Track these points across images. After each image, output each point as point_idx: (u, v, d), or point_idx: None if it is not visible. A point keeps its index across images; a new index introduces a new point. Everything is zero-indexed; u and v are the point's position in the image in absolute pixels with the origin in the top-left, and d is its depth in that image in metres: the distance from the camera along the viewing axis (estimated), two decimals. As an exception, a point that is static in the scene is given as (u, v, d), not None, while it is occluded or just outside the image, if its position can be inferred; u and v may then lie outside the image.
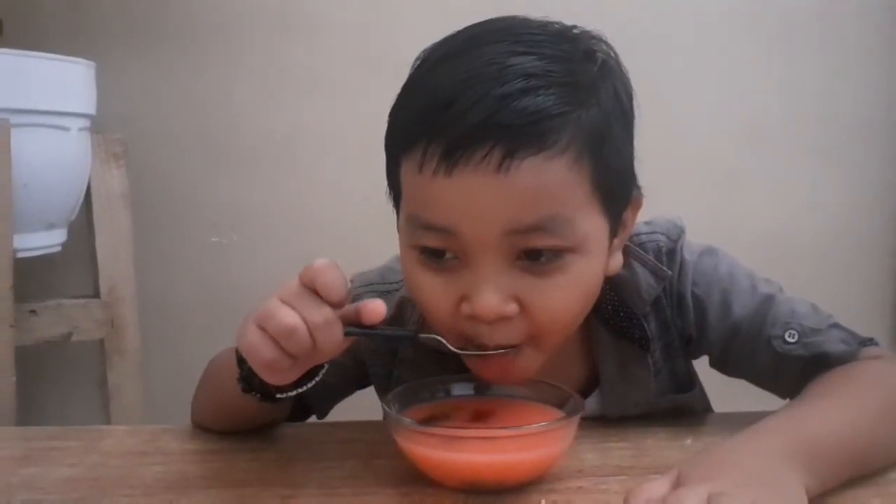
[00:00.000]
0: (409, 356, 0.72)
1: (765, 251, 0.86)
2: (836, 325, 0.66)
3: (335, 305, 0.53)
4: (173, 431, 0.69)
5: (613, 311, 0.68)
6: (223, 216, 1.39)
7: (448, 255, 0.57)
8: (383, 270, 0.77)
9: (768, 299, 0.67)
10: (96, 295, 1.25)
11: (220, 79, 1.36)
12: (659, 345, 0.70)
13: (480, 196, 0.53)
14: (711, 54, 1.34)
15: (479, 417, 0.59)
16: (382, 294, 0.72)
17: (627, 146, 0.61)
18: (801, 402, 0.59)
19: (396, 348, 0.72)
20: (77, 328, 1.22)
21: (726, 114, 1.36)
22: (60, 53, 1.13)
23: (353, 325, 0.54)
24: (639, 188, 0.64)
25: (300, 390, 0.58)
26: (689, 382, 0.73)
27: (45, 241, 1.18)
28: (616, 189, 0.59)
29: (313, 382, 0.58)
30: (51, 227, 1.18)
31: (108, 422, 1.24)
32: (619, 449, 0.63)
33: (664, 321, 0.70)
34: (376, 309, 0.54)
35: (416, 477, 0.57)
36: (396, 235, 0.84)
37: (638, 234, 0.69)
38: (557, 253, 0.56)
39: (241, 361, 0.59)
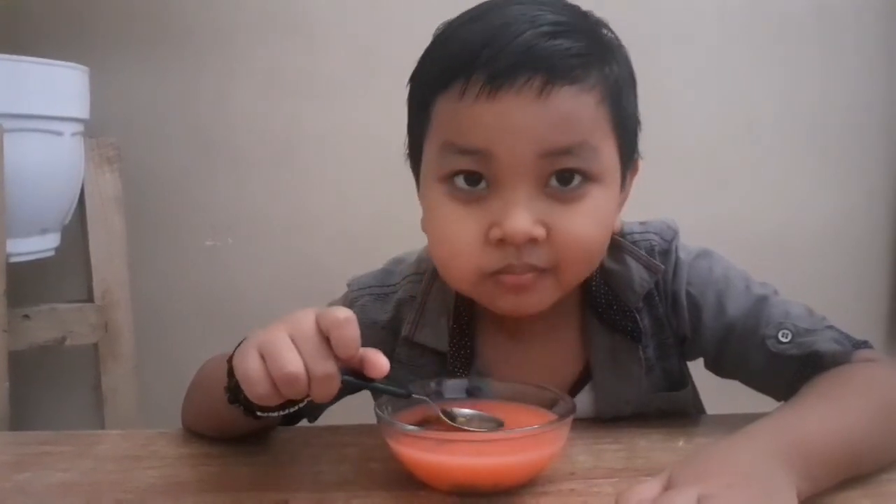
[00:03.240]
0: (404, 357, 0.73)
1: (760, 252, 0.86)
2: (830, 327, 0.67)
3: (342, 362, 0.53)
4: (167, 436, 0.69)
5: (607, 305, 0.70)
6: (218, 219, 1.39)
7: (479, 186, 0.61)
8: (381, 273, 0.78)
9: (762, 300, 0.68)
10: (90, 299, 1.25)
11: (214, 82, 1.36)
12: (652, 342, 0.71)
13: (520, 117, 0.58)
14: (707, 54, 1.34)
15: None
16: (380, 296, 0.75)
17: (635, 109, 0.67)
18: (794, 405, 0.60)
19: (393, 348, 0.72)
20: (71, 333, 1.22)
21: (722, 114, 1.36)
22: (54, 58, 1.13)
23: (350, 372, 0.53)
24: (639, 153, 0.69)
25: (282, 413, 0.57)
26: (682, 383, 0.74)
27: (38, 245, 1.18)
28: (627, 140, 0.66)
29: (296, 408, 0.57)
30: (44, 231, 1.18)
31: (102, 426, 1.24)
32: (611, 451, 0.63)
33: (657, 319, 0.71)
34: (381, 366, 0.53)
35: (409, 480, 0.57)
36: (394, 238, 0.86)
37: (631, 234, 0.71)
38: (584, 180, 0.61)
39: (231, 372, 0.58)
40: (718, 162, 1.37)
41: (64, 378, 1.39)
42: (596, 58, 0.61)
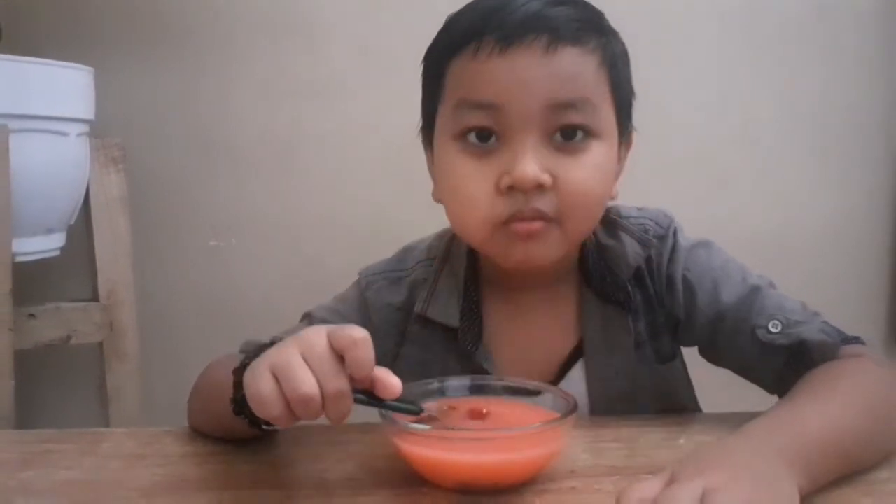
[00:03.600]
0: (416, 334, 0.77)
1: (760, 252, 0.86)
2: (823, 321, 0.68)
3: (355, 382, 0.53)
4: (172, 434, 0.70)
5: (601, 278, 0.75)
6: (222, 219, 1.40)
7: (489, 141, 0.66)
8: (393, 260, 0.82)
9: (757, 290, 0.71)
10: (95, 298, 1.25)
11: (218, 82, 1.36)
12: (644, 320, 0.75)
13: (528, 71, 0.64)
14: (706, 56, 1.34)
15: (474, 418, 0.60)
16: (394, 281, 0.80)
17: (630, 81, 0.73)
18: (791, 402, 0.60)
19: (406, 328, 0.77)
20: (76, 332, 1.23)
21: (721, 115, 1.36)
22: (59, 59, 1.14)
23: (360, 390, 0.53)
24: (633, 127, 0.75)
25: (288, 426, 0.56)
26: (672, 358, 0.77)
27: (43, 245, 1.18)
28: (624, 107, 0.71)
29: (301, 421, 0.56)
30: (49, 231, 1.19)
31: (107, 424, 1.24)
32: (612, 449, 0.63)
33: (648, 298, 0.75)
34: (393, 386, 0.54)
35: (412, 478, 0.57)
36: (395, 236, 0.87)
37: (628, 217, 0.77)
38: (586, 135, 0.66)
39: (237, 384, 0.58)
40: (718, 162, 1.37)
41: (69, 377, 1.40)
42: (595, 27, 0.68)
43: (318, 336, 0.53)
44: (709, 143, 1.36)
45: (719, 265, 0.74)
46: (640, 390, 0.75)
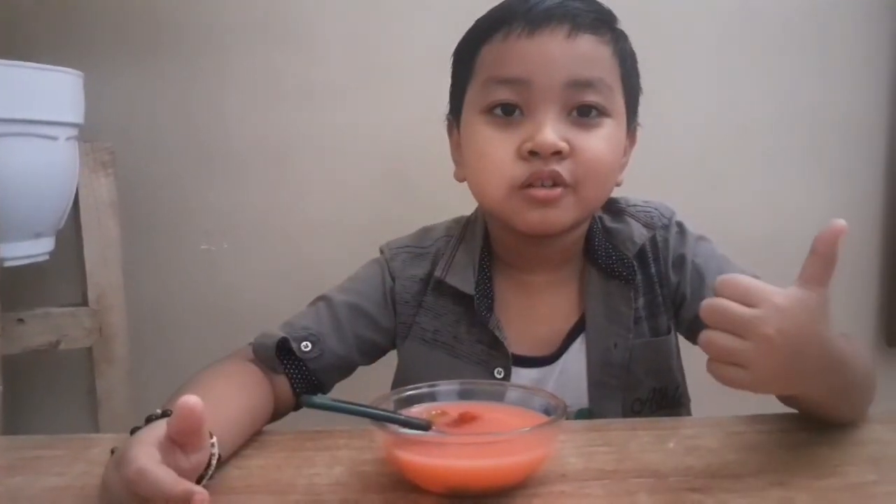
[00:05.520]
0: (430, 304, 0.84)
1: (752, 255, 0.87)
2: None
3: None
4: (161, 439, 0.69)
5: (606, 256, 0.83)
6: (213, 223, 1.39)
7: (514, 115, 0.75)
8: (415, 237, 0.90)
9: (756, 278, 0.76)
10: (84, 303, 1.25)
11: (209, 86, 1.36)
12: (643, 299, 0.83)
13: (553, 51, 0.73)
14: (699, 59, 1.35)
15: (464, 423, 0.60)
16: (417, 255, 0.87)
17: (637, 81, 0.82)
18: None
19: (422, 299, 0.84)
20: (65, 336, 1.22)
21: (713, 118, 1.37)
22: (48, 63, 1.13)
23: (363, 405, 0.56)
24: (639, 124, 0.84)
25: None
26: (667, 332, 0.84)
27: (32, 249, 1.18)
28: (631, 99, 0.80)
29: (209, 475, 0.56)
30: (38, 235, 1.18)
31: (96, 430, 1.23)
32: (602, 453, 0.63)
33: (649, 277, 0.83)
34: (194, 406, 0.50)
35: (401, 483, 0.57)
36: (388, 240, 0.89)
37: (635, 205, 0.86)
38: (599, 114, 0.75)
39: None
40: (711, 166, 1.37)
41: (58, 382, 1.39)
42: (608, 22, 0.78)
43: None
44: (702, 146, 1.37)
45: (721, 256, 0.84)
46: (635, 362, 0.81)
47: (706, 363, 0.56)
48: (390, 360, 0.89)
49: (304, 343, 0.79)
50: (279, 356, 0.78)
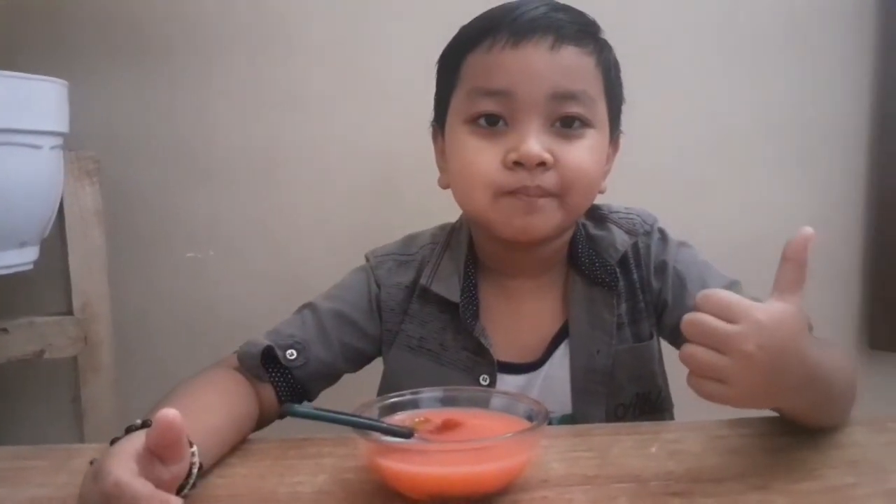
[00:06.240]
0: (416, 311, 0.85)
1: (734, 261, 0.88)
2: None
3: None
4: (144, 449, 0.69)
5: (589, 263, 0.83)
6: (199, 231, 1.39)
7: (498, 125, 0.75)
8: (400, 244, 0.90)
9: (736, 284, 0.81)
10: (69, 312, 1.24)
11: (195, 95, 1.36)
12: (625, 305, 0.83)
13: (536, 63, 0.74)
14: (681, 64, 1.36)
15: (447, 429, 0.60)
16: (403, 263, 0.87)
17: (620, 91, 0.83)
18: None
19: (408, 306, 0.84)
20: (50, 346, 1.21)
21: (695, 123, 1.37)
22: (33, 72, 1.13)
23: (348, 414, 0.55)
24: (622, 132, 0.85)
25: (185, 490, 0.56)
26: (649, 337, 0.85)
27: (16, 259, 1.17)
28: (614, 109, 0.81)
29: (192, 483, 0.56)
30: (23, 245, 1.17)
31: (82, 439, 1.23)
32: (584, 458, 0.64)
33: (631, 283, 0.84)
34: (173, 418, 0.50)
35: (384, 491, 0.57)
36: (374, 247, 0.89)
37: (617, 212, 0.87)
38: (582, 125, 0.76)
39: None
40: (692, 173, 1.38)
41: (43, 391, 1.38)
42: (592, 34, 0.78)
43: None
44: (683, 153, 1.37)
45: (702, 262, 0.85)
46: (618, 368, 0.82)
47: (686, 377, 0.56)
48: (376, 368, 0.89)
49: (290, 351, 0.79)
50: (264, 364, 0.78)
